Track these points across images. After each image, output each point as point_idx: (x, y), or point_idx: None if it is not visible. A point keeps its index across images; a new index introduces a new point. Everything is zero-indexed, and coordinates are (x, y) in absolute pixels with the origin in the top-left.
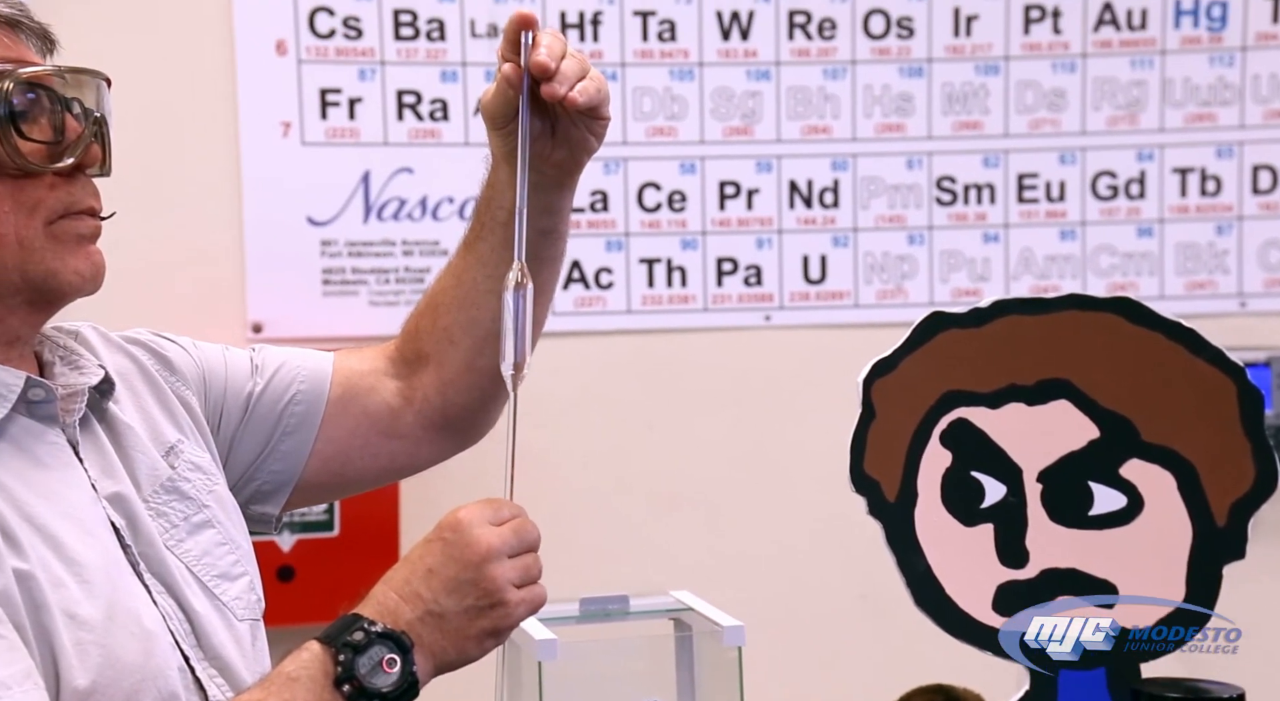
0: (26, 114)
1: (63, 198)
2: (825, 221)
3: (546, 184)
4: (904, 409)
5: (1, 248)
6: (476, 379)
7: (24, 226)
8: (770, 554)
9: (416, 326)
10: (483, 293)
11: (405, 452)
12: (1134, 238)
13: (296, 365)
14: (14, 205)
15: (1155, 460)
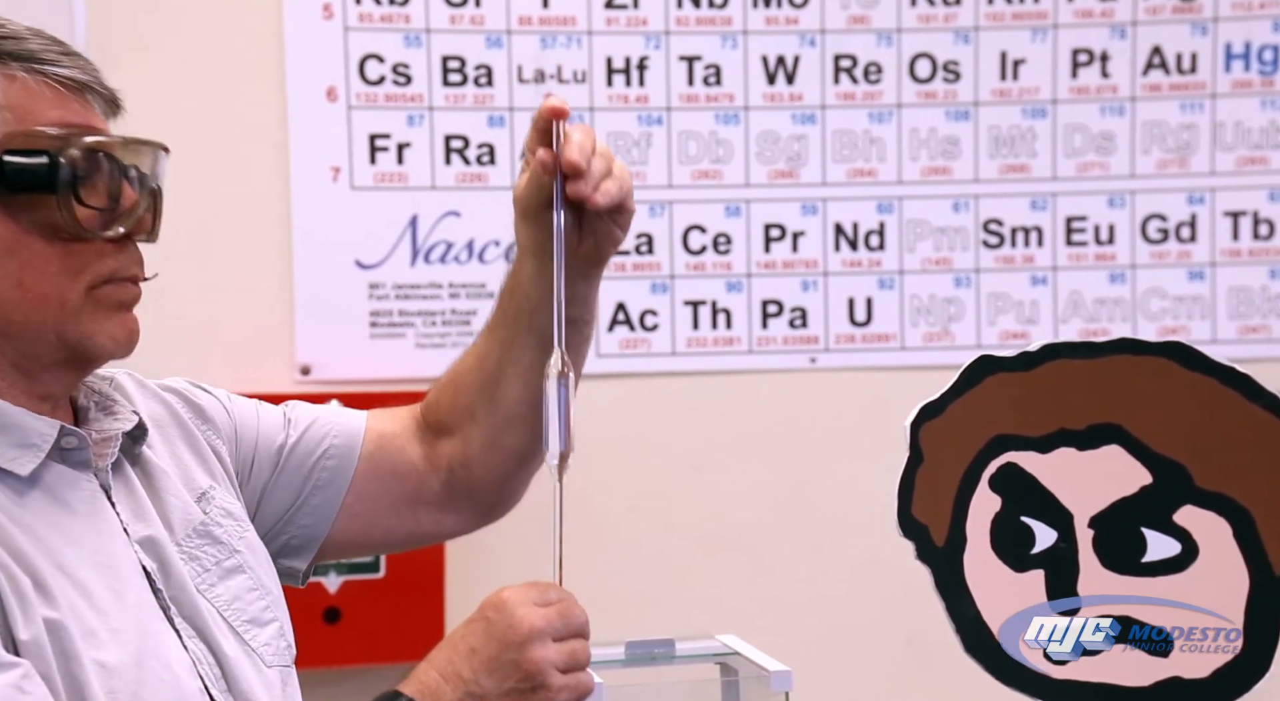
0: (86, 180)
1: (109, 263)
2: (871, 264)
3: (573, 275)
4: (952, 453)
5: (43, 307)
6: (500, 457)
7: (67, 289)
8: (817, 597)
9: (438, 399)
10: (505, 376)
11: (431, 520)
12: (1185, 281)
13: (329, 421)
14: (61, 267)
15: (1210, 506)
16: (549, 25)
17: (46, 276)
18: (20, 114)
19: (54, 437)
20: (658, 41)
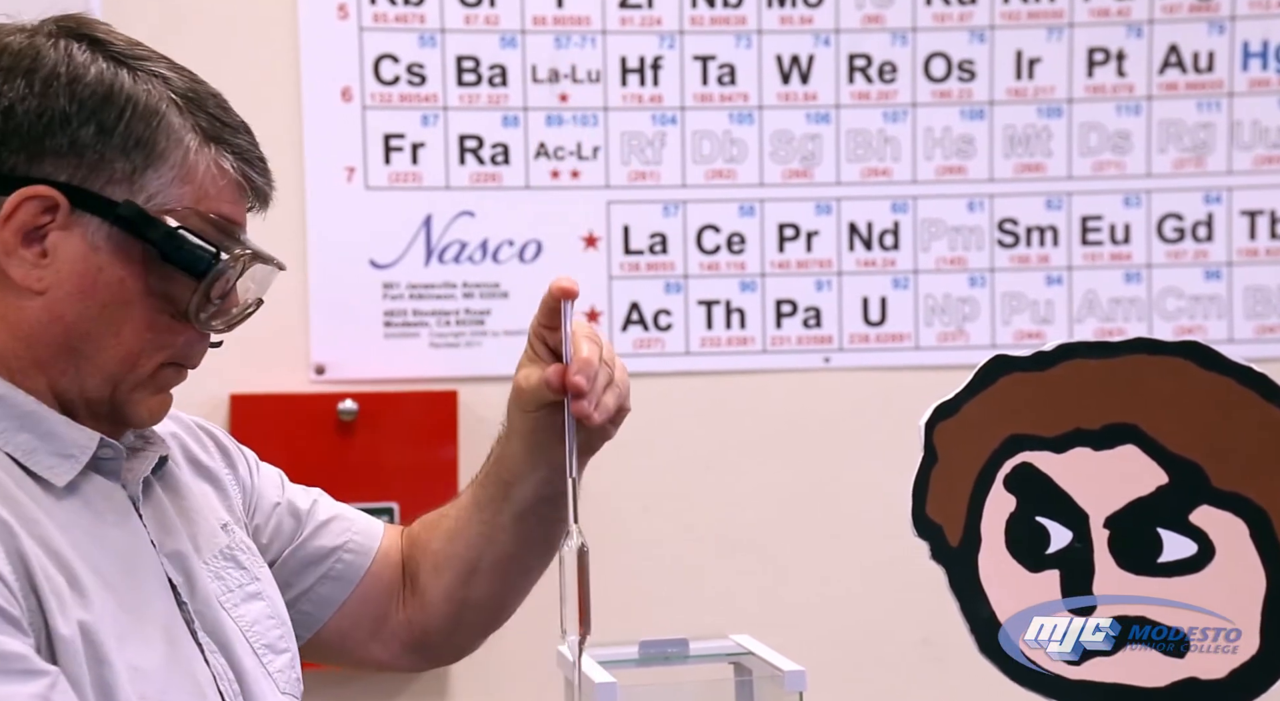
0: (219, 283)
1: (183, 351)
2: (885, 263)
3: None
4: (967, 453)
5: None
6: (455, 608)
7: (146, 358)
8: (831, 597)
9: (417, 534)
10: (474, 533)
11: (389, 651)
12: (1201, 280)
13: (352, 517)
14: (154, 338)
15: (1226, 507)
16: (563, 25)
17: (139, 338)
18: (200, 195)
19: (93, 449)
20: (672, 41)
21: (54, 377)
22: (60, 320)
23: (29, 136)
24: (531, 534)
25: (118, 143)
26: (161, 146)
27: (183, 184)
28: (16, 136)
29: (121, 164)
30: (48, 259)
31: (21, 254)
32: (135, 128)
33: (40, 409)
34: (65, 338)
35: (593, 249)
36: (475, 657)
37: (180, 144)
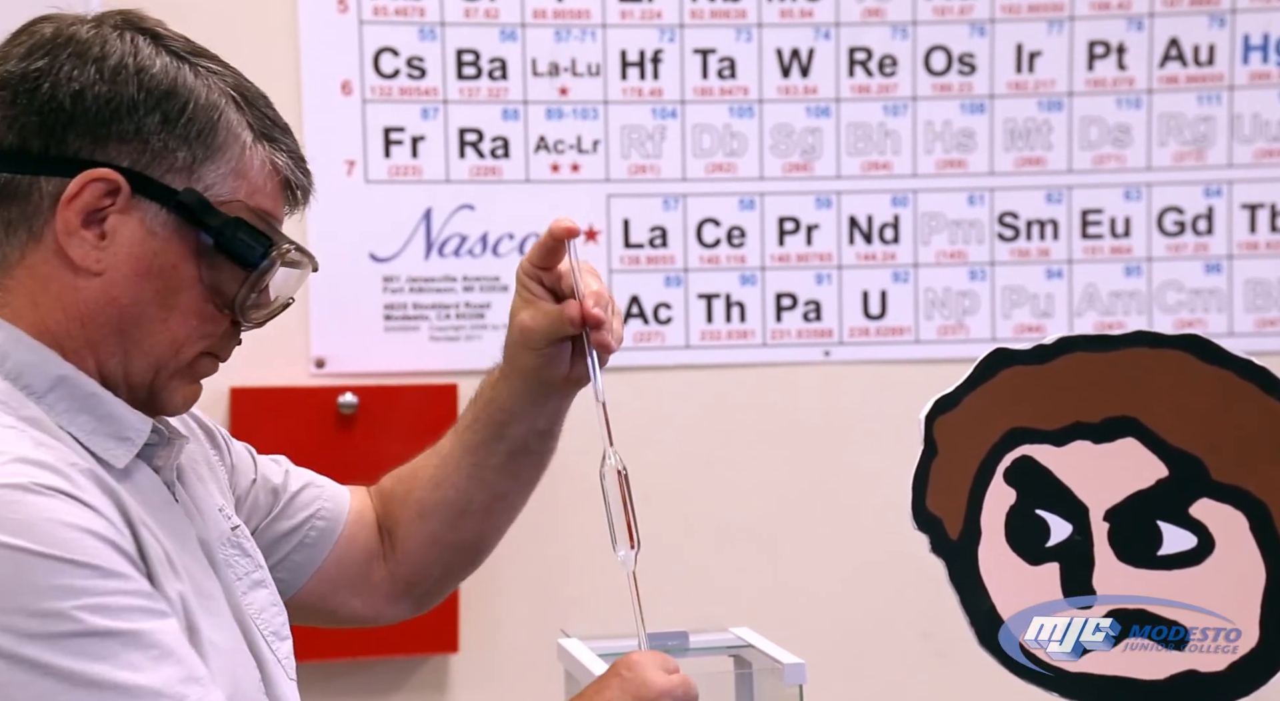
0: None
1: (221, 342)
2: (885, 257)
3: (558, 395)
4: (967, 446)
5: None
6: (440, 553)
7: (189, 346)
8: (830, 591)
9: (393, 489)
10: (464, 477)
11: (372, 606)
12: (1201, 274)
13: (321, 483)
14: (199, 326)
15: (1226, 500)
16: (563, 18)
17: (186, 326)
18: (252, 190)
19: (147, 433)
20: (672, 34)
21: (103, 359)
22: (115, 302)
23: (96, 121)
24: (522, 470)
25: (180, 133)
26: (220, 140)
27: (237, 178)
28: (84, 120)
29: (183, 154)
30: (106, 241)
31: (82, 234)
32: (197, 120)
33: (101, 391)
34: (119, 320)
35: (592, 242)
36: (477, 650)
37: (237, 140)
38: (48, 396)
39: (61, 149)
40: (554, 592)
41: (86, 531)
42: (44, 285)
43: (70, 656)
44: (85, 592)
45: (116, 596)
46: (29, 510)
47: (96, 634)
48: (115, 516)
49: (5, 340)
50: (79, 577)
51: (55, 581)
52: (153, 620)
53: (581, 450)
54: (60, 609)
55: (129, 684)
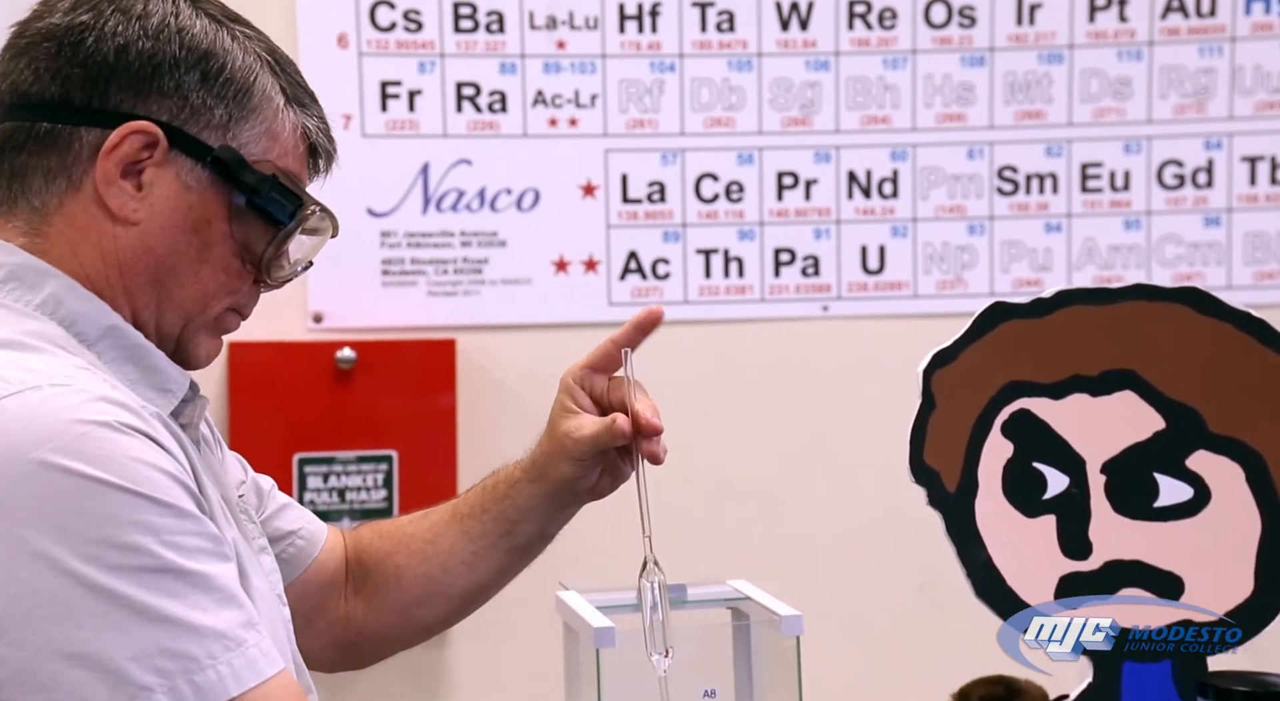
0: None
1: (243, 299)
2: (884, 211)
3: (578, 504)
4: (965, 399)
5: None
6: (403, 622)
7: (217, 301)
8: (828, 544)
9: (371, 542)
10: (455, 561)
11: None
12: (1201, 227)
13: (302, 510)
14: (226, 281)
15: (1223, 452)
16: None
17: (216, 280)
18: (282, 152)
19: (186, 385)
20: None
21: (138, 309)
22: (152, 252)
23: (138, 76)
24: (516, 566)
25: (217, 92)
26: (255, 102)
27: (270, 140)
28: (127, 75)
29: (219, 112)
30: (143, 192)
31: (120, 185)
32: (234, 80)
33: (145, 342)
34: (154, 270)
35: (590, 198)
36: None
37: (270, 102)
38: (98, 344)
39: (103, 101)
40: (552, 546)
41: (163, 472)
42: (83, 233)
43: (146, 590)
44: (163, 530)
45: (190, 536)
46: (112, 447)
47: (171, 571)
48: (183, 459)
49: (59, 288)
50: (158, 515)
51: (136, 516)
52: (218, 563)
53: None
54: (140, 543)
55: (197, 623)
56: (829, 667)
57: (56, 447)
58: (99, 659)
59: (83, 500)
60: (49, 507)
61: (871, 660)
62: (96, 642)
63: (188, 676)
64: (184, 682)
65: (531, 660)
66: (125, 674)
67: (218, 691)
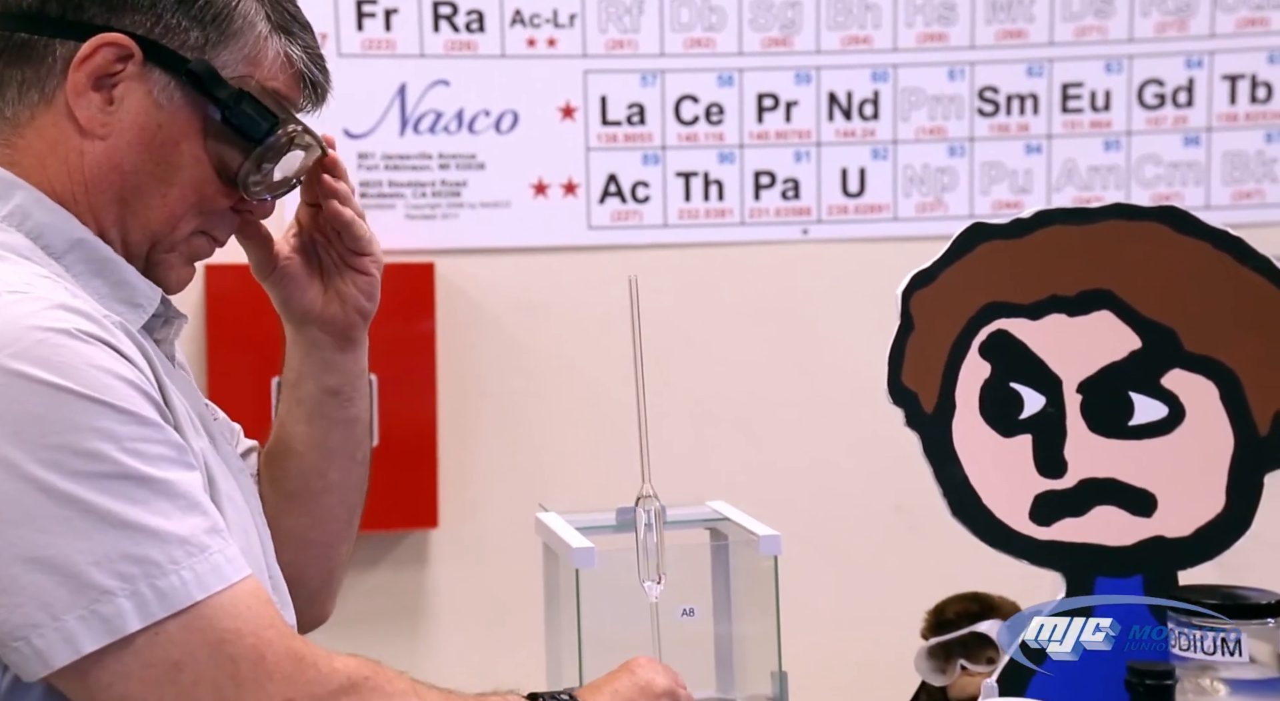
0: (271, 154)
1: (218, 221)
2: (865, 134)
3: (325, 342)
4: (943, 320)
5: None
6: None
7: (186, 221)
8: (807, 465)
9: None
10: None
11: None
12: (1180, 147)
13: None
14: (198, 201)
15: (1198, 370)
16: None
17: (185, 201)
18: (265, 76)
19: (157, 302)
20: None
21: (104, 227)
22: (118, 168)
23: None
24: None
25: (196, 14)
26: (235, 27)
27: (250, 66)
28: None
29: (195, 34)
30: (113, 107)
31: (90, 96)
32: (215, 4)
33: (115, 257)
34: (120, 187)
35: (569, 119)
36: (456, 525)
37: (253, 28)
38: (65, 257)
39: (78, 14)
40: (531, 468)
41: (123, 379)
42: (52, 147)
43: (107, 496)
44: (124, 437)
45: (151, 444)
46: (72, 354)
47: (132, 477)
48: (146, 368)
49: (26, 200)
50: (118, 422)
51: (97, 423)
52: (181, 471)
53: (557, 330)
54: (101, 450)
55: (158, 529)
56: (806, 587)
57: (15, 354)
58: (60, 563)
59: (42, 407)
60: (7, 413)
61: (849, 580)
62: (57, 547)
63: (150, 581)
64: (146, 587)
65: (512, 581)
66: (87, 578)
67: (181, 596)
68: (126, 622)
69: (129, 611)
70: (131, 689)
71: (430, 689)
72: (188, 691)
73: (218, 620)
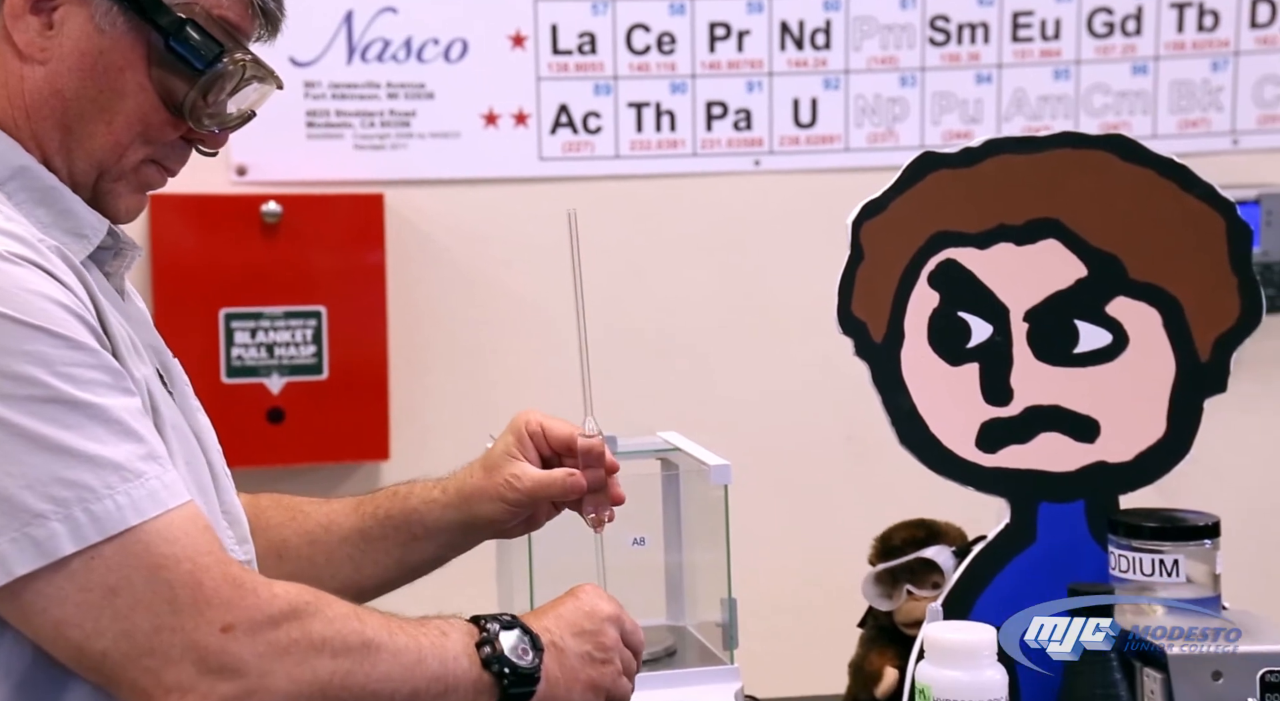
0: (222, 84)
1: (168, 151)
2: (816, 63)
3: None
4: (893, 250)
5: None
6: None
7: (133, 150)
8: (758, 397)
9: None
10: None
11: None
12: (1129, 76)
13: None
14: (144, 130)
15: (1142, 297)
16: None
17: (130, 130)
18: (212, 4)
19: (103, 233)
20: None
21: (48, 154)
22: (59, 94)
23: None
24: (399, 580)
25: None
26: None
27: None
28: None
29: None
30: (53, 31)
31: (28, 19)
32: None
33: (60, 185)
34: (62, 113)
35: (519, 48)
36: (407, 457)
37: None
38: (7, 185)
39: None
40: (483, 400)
41: (57, 303)
42: None
43: (39, 420)
44: (57, 361)
45: (85, 369)
46: (3, 277)
47: (65, 402)
48: (82, 293)
49: None
50: (51, 346)
51: (28, 347)
52: (117, 396)
53: (508, 261)
54: (32, 374)
55: (92, 453)
56: (756, 516)
57: None
58: None
59: None
60: None
61: (798, 509)
62: None
63: (84, 505)
64: (80, 511)
65: None
66: (18, 501)
67: (115, 521)
68: (60, 545)
69: (62, 534)
70: (68, 612)
71: (372, 612)
72: (124, 616)
73: (154, 545)
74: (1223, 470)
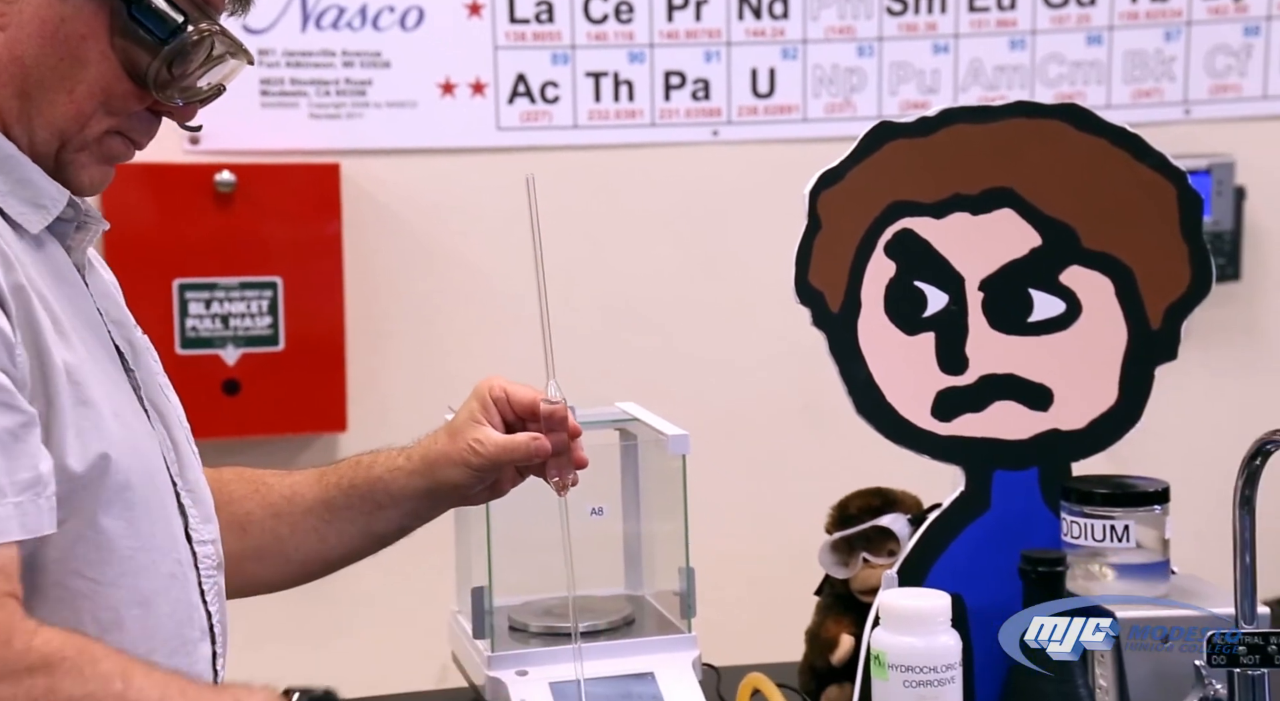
0: (187, 56)
1: (134, 123)
2: (774, 33)
3: (444, 508)
4: (849, 220)
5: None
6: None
7: (97, 121)
8: (715, 366)
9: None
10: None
11: None
12: (1083, 46)
13: None
14: (106, 100)
15: (1095, 266)
16: None
17: (92, 100)
18: None
19: (63, 204)
20: None
21: (8, 123)
22: (19, 61)
23: None
24: (364, 550)
25: None
26: None
27: None
28: None
29: None
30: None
31: None
32: None
33: (19, 154)
34: (21, 80)
35: (476, 17)
36: (365, 428)
37: None
38: None
39: None
40: (441, 371)
41: None
42: None
43: None
44: None
45: None
46: None
47: None
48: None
49: None
50: None
51: None
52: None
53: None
54: None
55: None
56: (714, 486)
57: None
58: None
59: None
60: None
61: (756, 479)
62: None
63: None
64: None
65: None
66: None
67: None
68: None
69: None
70: None
71: (149, 673)
72: None
73: None
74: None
